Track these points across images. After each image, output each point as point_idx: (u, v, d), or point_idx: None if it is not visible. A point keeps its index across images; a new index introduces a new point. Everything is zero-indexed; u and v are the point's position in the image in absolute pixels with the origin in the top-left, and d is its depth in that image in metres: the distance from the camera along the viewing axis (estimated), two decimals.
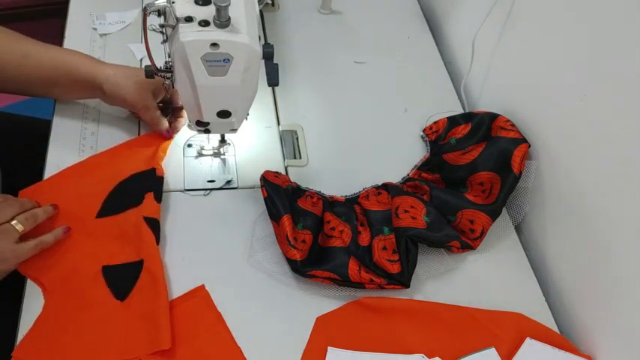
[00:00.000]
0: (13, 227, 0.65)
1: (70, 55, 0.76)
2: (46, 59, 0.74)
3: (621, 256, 0.64)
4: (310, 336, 0.66)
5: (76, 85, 0.75)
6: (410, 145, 0.87)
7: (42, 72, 0.74)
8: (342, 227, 0.73)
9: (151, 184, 0.75)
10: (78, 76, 0.74)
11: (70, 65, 0.74)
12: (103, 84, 0.74)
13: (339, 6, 1.06)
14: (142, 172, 0.76)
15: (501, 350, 0.66)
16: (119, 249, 0.69)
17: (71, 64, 0.74)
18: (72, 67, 0.74)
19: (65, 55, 0.75)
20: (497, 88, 0.88)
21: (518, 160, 0.75)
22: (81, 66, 0.74)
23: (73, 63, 0.74)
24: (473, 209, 0.74)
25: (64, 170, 0.76)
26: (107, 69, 0.75)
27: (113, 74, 0.74)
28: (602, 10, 0.64)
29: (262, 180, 0.72)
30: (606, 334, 0.67)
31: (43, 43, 0.75)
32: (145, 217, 0.71)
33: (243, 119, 0.72)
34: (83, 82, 0.75)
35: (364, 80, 0.95)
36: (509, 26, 0.83)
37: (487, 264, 0.75)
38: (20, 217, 0.66)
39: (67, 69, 0.74)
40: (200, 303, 0.67)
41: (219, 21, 0.58)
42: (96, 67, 0.75)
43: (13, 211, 0.66)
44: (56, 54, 0.75)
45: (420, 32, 1.05)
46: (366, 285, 0.68)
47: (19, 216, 0.66)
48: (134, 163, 0.77)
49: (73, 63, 0.74)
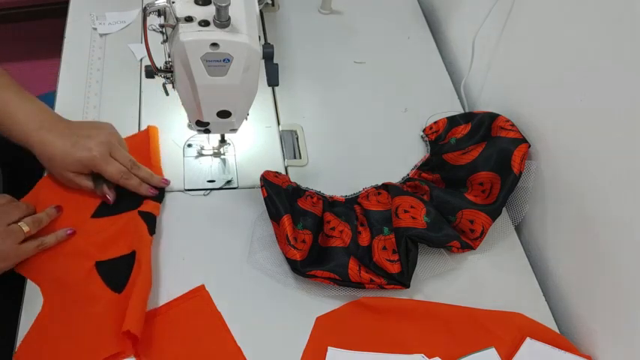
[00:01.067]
0: (19, 228, 0.66)
1: (15, 109, 0.71)
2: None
3: (621, 256, 0.64)
4: (310, 336, 0.66)
5: (7, 133, 0.71)
6: (410, 145, 0.87)
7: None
8: (342, 227, 0.73)
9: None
10: (11, 131, 0.71)
11: (7, 115, 0.70)
12: (33, 146, 0.70)
13: (339, 6, 1.06)
14: None
15: (501, 350, 0.66)
16: (112, 244, 0.70)
17: (8, 115, 0.70)
18: (6, 118, 0.70)
19: (9, 107, 0.70)
20: (497, 88, 0.88)
21: (518, 160, 0.75)
22: (14, 127, 0.70)
23: (11, 118, 0.70)
24: (473, 209, 0.74)
25: None
26: (40, 136, 0.70)
27: (39, 145, 0.70)
28: (602, 10, 0.64)
29: (262, 180, 0.72)
30: (606, 334, 0.67)
31: (1, 80, 0.72)
32: (140, 211, 0.72)
33: (243, 119, 0.72)
34: (15, 137, 0.71)
35: (364, 80, 0.95)
36: (509, 26, 0.83)
37: (487, 264, 0.75)
38: (27, 219, 0.67)
39: (2, 116, 0.70)
40: (200, 303, 0.67)
41: (219, 21, 0.58)
42: (31, 130, 0.70)
43: (20, 213, 0.68)
44: (4, 100, 0.70)
45: (420, 32, 1.05)
46: (366, 285, 0.68)
47: (26, 218, 0.68)
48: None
49: (10, 118, 0.70)
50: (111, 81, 0.88)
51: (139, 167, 0.74)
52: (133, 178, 0.72)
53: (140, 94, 0.87)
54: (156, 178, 0.75)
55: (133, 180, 0.72)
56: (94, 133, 0.72)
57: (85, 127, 0.73)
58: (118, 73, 0.89)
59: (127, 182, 0.72)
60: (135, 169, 0.73)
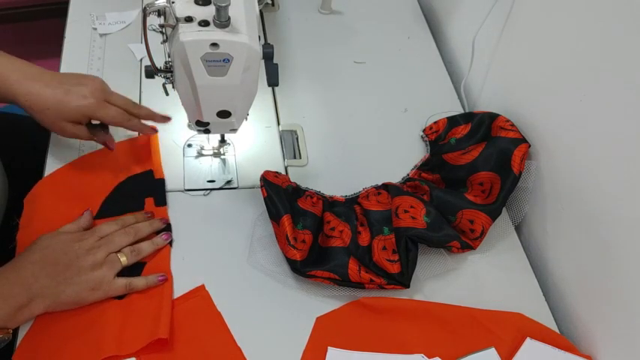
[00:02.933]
0: (118, 259, 0.65)
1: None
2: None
3: (621, 256, 0.64)
4: (310, 336, 0.66)
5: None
6: (410, 145, 0.87)
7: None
8: (342, 227, 0.73)
9: (150, 188, 0.75)
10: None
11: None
12: (18, 98, 0.68)
13: (339, 6, 1.06)
14: (139, 174, 0.76)
15: (501, 350, 0.66)
16: None
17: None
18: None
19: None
20: (497, 88, 0.88)
21: (518, 160, 0.75)
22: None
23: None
24: (473, 209, 0.74)
25: (61, 169, 0.76)
26: (25, 87, 0.67)
27: (27, 96, 0.67)
28: (602, 10, 0.64)
29: (262, 180, 0.72)
30: (606, 334, 0.67)
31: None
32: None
33: (243, 119, 0.72)
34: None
35: (364, 80, 0.95)
36: (509, 26, 0.83)
37: (487, 264, 0.75)
38: (127, 250, 0.66)
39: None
40: (200, 303, 0.67)
41: (219, 21, 0.58)
42: (14, 81, 0.67)
43: (127, 241, 0.66)
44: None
45: (420, 32, 1.05)
46: (366, 285, 0.68)
47: (126, 248, 0.66)
48: (130, 164, 0.77)
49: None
50: (111, 81, 0.87)
51: (140, 106, 0.74)
52: (133, 119, 0.72)
53: (140, 94, 0.87)
54: (158, 115, 0.75)
55: (134, 121, 0.72)
56: (85, 81, 0.70)
57: (73, 77, 0.71)
58: (118, 73, 0.89)
59: (128, 124, 0.71)
60: (136, 108, 0.73)
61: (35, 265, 0.61)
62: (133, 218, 0.70)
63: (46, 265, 0.62)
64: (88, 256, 0.63)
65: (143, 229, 0.69)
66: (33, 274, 0.61)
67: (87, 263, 0.63)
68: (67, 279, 0.62)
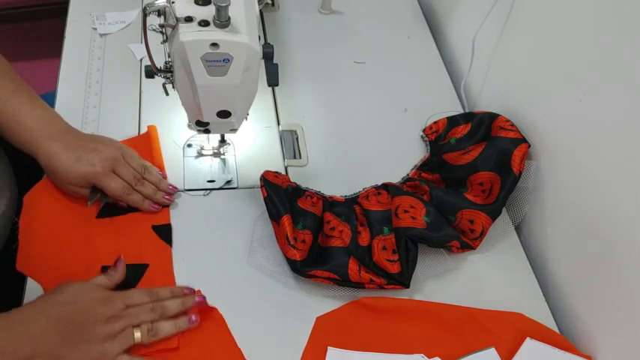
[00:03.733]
0: (132, 335, 0.60)
1: (25, 116, 0.69)
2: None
3: (621, 256, 0.64)
4: (310, 336, 0.66)
5: (13, 139, 0.70)
6: (410, 145, 0.87)
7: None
8: (342, 227, 0.73)
9: None
10: (19, 138, 0.69)
11: (17, 121, 0.69)
12: (39, 156, 0.69)
13: (339, 6, 1.06)
14: None
15: (501, 350, 0.66)
16: (119, 250, 0.69)
17: (17, 121, 0.69)
18: (16, 124, 0.69)
19: (19, 113, 0.69)
20: (497, 88, 0.88)
21: (518, 160, 0.75)
22: (23, 134, 0.69)
23: (21, 125, 0.69)
24: (473, 209, 0.74)
25: None
26: (47, 146, 0.68)
27: (45, 155, 0.69)
28: (602, 10, 0.64)
29: (262, 180, 0.72)
30: (606, 334, 0.67)
31: (15, 84, 0.70)
32: (154, 226, 0.72)
33: (243, 119, 0.72)
34: (22, 143, 0.70)
35: (364, 80, 0.95)
36: (509, 26, 0.83)
37: (487, 264, 0.75)
38: (144, 327, 0.61)
39: (11, 122, 0.69)
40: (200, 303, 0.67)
41: (219, 21, 0.58)
42: (39, 138, 0.69)
43: (150, 318, 0.62)
44: (15, 106, 0.69)
45: (420, 32, 1.05)
46: (366, 285, 0.68)
47: (144, 325, 0.61)
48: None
49: (20, 125, 0.69)
50: (111, 81, 0.88)
51: (150, 173, 0.74)
52: (134, 194, 0.72)
53: (140, 94, 0.87)
54: (164, 183, 0.75)
55: (135, 196, 0.72)
56: (101, 148, 0.70)
57: (92, 141, 0.71)
58: (118, 73, 0.89)
59: (128, 198, 0.71)
60: (147, 174, 0.73)
61: (49, 321, 0.58)
62: (169, 293, 0.65)
63: (59, 321, 0.58)
64: (105, 325, 0.59)
65: (172, 307, 0.64)
66: (44, 331, 0.57)
67: (101, 333, 0.59)
68: (75, 344, 0.58)
